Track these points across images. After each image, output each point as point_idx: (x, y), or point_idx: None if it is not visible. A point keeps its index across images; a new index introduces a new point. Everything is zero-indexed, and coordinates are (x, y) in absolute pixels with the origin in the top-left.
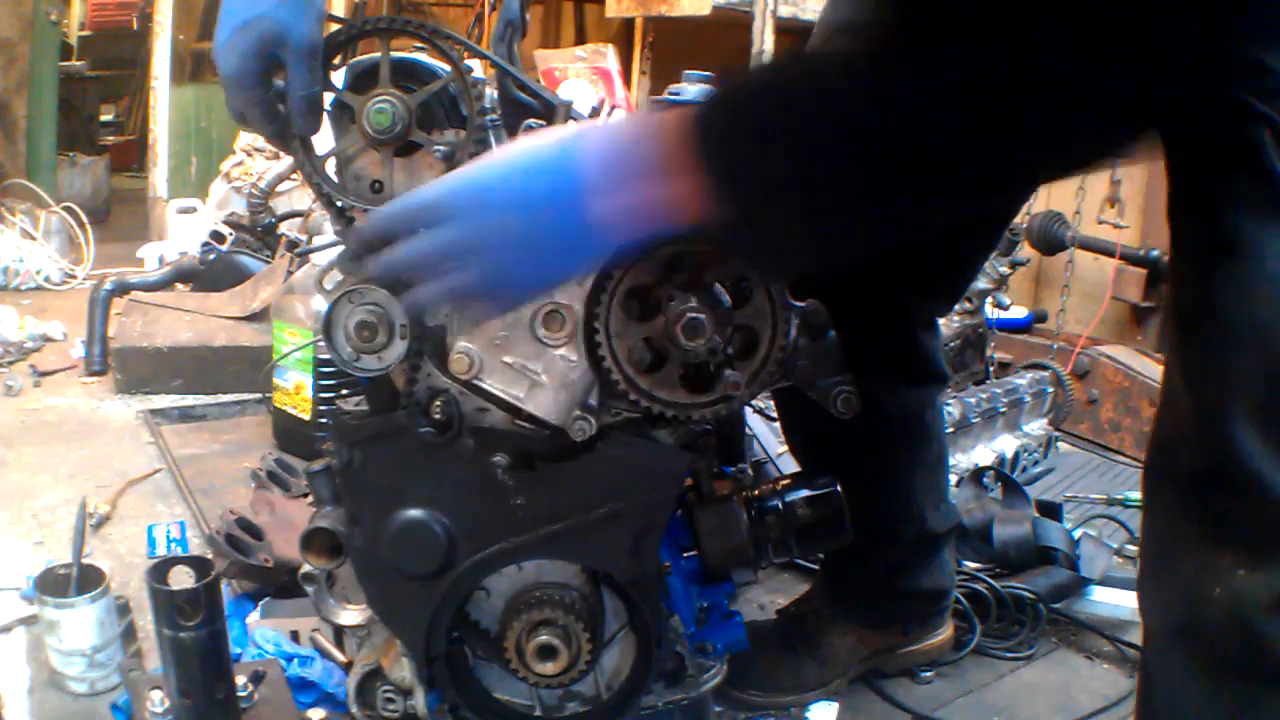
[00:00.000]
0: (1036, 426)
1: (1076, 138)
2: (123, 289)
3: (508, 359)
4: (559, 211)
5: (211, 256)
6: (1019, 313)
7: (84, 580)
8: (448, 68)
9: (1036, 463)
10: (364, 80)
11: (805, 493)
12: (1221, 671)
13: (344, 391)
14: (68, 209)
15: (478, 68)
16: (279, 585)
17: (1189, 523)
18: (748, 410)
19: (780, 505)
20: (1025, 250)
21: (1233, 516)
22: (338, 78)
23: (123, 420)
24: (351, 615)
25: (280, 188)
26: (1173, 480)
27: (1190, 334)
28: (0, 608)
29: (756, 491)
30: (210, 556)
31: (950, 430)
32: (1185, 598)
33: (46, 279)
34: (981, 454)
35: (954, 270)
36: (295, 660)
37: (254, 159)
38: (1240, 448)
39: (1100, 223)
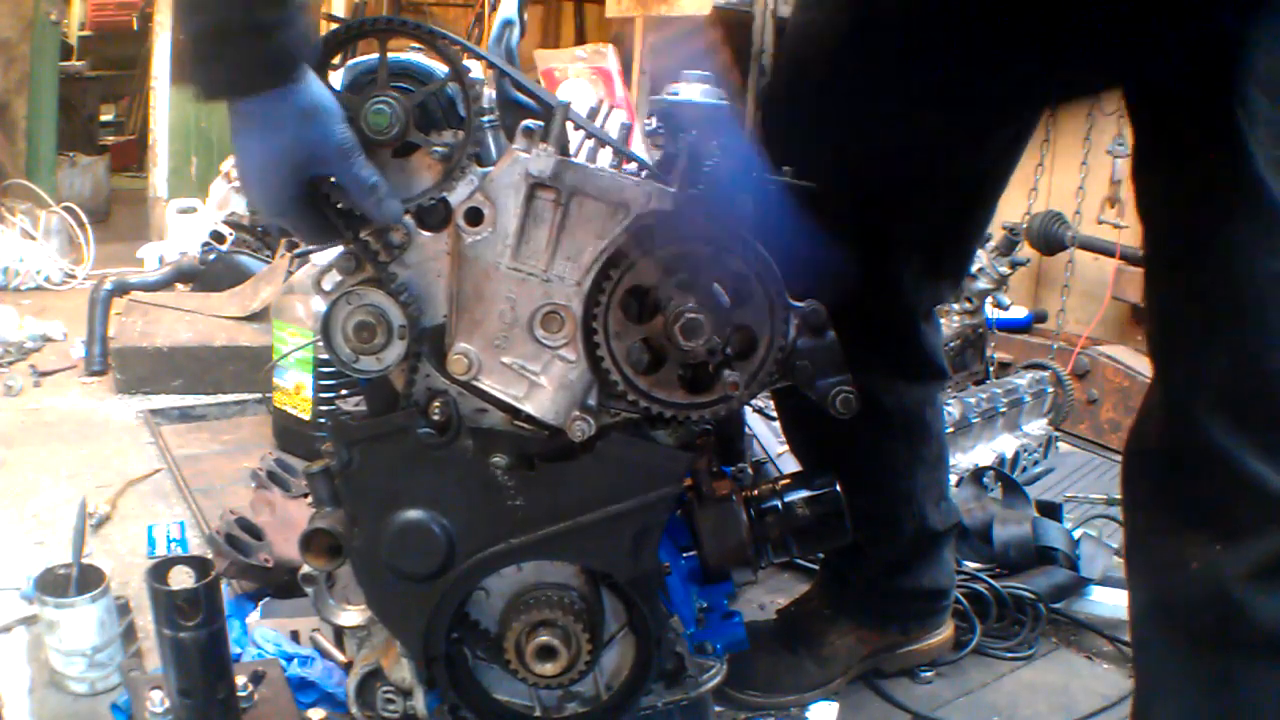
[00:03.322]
0: (1036, 426)
1: None
2: (123, 289)
3: (506, 359)
4: None
5: (211, 256)
6: (1019, 313)
7: (84, 580)
8: (445, 68)
9: (1036, 463)
10: (362, 81)
11: (805, 492)
12: (1198, 644)
13: (343, 392)
14: (68, 209)
15: (476, 68)
16: (279, 585)
17: (1164, 506)
18: (748, 410)
19: (780, 505)
20: (1025, 250)
21: (1205, 497)
22: (336, 78)
23: (123, 420)
24: (351, 616)
25: None
26: (1148, 465)
27: (1162, 326)
28: (0, 608)
29: (756, 491)
30: (210, 556)
31: (950, 430)
32: (1163, 574)
33: (46, 279)
34: (981, 454)
35: (956, 248)
36: (295, 660)
37: None
38: (1207, 433)
39: (1100, 223)
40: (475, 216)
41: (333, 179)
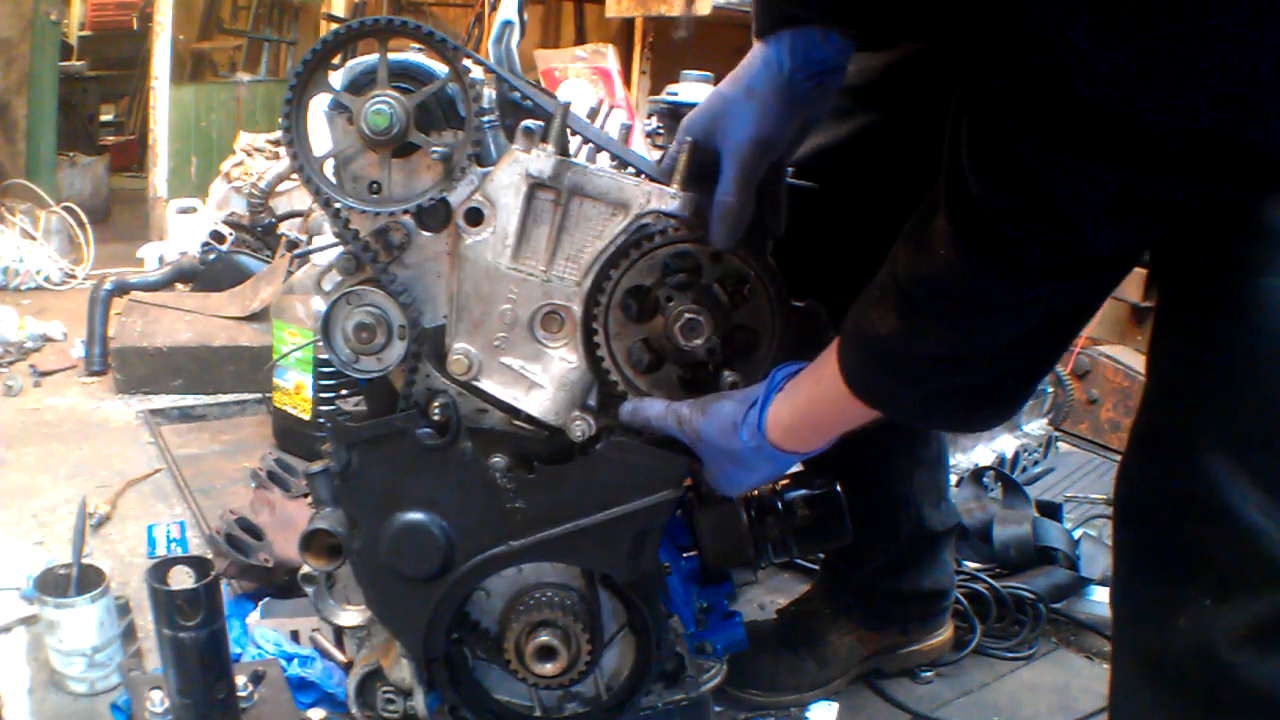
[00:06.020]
0: (1036, 426)
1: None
2: (123, 289)
3: (506, 360)
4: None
5: (211, 256)
6: None
7: (84, 580)
8: (445, 69)
9: (1036, 463)
10: (362, 81)
11: (805, 493)
12: (1186, 704)
13: (343, 392)
14: (68, 209)
15: (476, 68)
16: (279, 585)
17: (1155, 551)
18: None
19: (780, 505)
20: None
21: (1199, 546)
22: (336, 79)
23: (123, 420)
24: (351, 616)
25: (280, 188)
26: (1139, 506)
27: (1163, 357)
28: (0, 608)
29: (756, 492)
30: (210, 556)
31: None
32: (1149, 627)
33: (46, 279)
34: (981, 454)
35: None
36: (295, 660)
37: (254, 159)
38: (1207, 476)
39: None
40: (475, 217)
41: None
